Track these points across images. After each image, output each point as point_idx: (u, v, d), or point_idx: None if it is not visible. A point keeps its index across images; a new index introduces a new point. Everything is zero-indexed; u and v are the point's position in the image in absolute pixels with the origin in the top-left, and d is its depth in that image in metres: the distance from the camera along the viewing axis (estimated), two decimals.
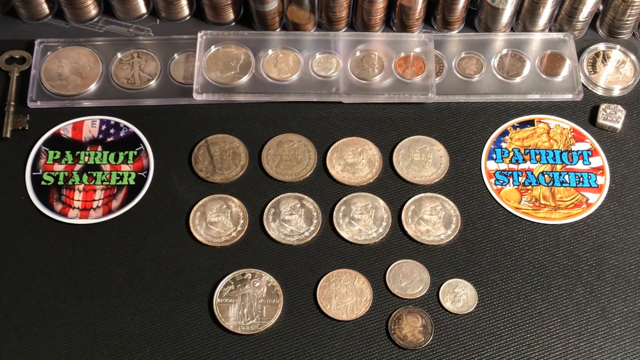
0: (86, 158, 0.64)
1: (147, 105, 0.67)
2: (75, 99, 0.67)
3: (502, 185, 0.63)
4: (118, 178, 0.63)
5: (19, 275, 0.58)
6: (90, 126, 0.65)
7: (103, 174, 0.63)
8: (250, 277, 0.58)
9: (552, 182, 0.63)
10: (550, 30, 0.73)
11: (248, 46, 0.69)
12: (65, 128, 0.65)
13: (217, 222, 0.61)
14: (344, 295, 0.58)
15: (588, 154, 0.65)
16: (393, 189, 0.63)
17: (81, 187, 0.62)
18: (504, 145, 0.65)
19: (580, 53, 0.70)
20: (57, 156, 0.64)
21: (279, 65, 0.68)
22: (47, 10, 0.73)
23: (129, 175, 0.63)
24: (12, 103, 0.66)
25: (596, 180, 0.64)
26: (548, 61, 0.69)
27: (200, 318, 0.57)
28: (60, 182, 0.62)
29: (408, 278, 0.59)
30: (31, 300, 0.57)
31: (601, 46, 0.71)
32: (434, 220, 0.61)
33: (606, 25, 0.72)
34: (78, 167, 0.63)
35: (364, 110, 0.67)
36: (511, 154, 0.65)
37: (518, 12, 0.71)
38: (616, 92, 0.69)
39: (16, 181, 0.63)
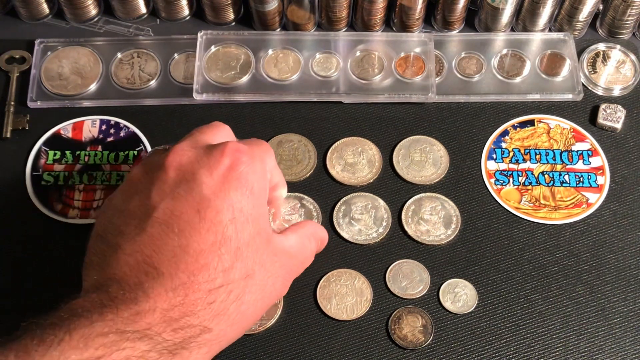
0: (86, 158, 0.64)
1: (147, 105, 0.67)
2: (75, 99, 0.67)
3: (502, 185, 0.63)
4: (118, 178, 0.63)
5: (19, 275, 0.58)
6: (90, 126, 0.65)
7: (103, 174, 0.63)
8: None
9: (552, 182, 0.63)
10: (550, 30, 0.73)
11: (248, 46, 0.69)
12: (65, 128, 0.65)
13: None
14: (344, 295, 0.58)
15: (588, 154, 0.65)
16: (393, 189, 0.63)
17: (81, 187, 0.62)
18: (504, 145, 0.65)
19: (580, 53, 0.70)
20: (57, 156, 0.64)
21: (279, 65, 0.68)
22: (47, 10, 0.73)
23: None
24: (12, 103, 0.66)
25: (596, 180, 0.64)
26: (548, 61, 0.69)
27: None
28: (61, 182, 0.62)
29: (408, 278, 0.58)
30: (31, 300, 0.57)
31: (601, 46, 0.71)
32: (434, 220, 0.61)
33: (606, 25, 0.72)
34: (78, 167, 0.63)
35: (364, 110, 0.67)
36: (511, 154, 0.65)
37: (518, 12, 0.71)
38: (616, 92, 0.68)
39: (16, 181, 0.63)
